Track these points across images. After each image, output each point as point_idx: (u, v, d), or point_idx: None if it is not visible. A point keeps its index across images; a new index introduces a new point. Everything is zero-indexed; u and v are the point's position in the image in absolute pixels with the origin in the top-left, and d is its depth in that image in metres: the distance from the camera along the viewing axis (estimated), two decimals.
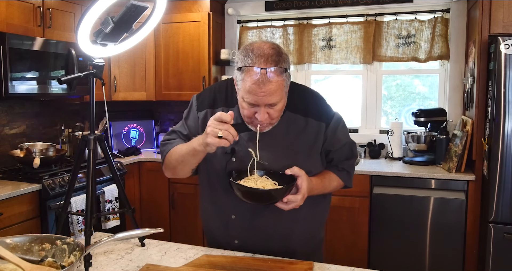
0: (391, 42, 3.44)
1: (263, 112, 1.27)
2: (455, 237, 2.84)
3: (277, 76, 1.22)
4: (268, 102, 1.25)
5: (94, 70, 1.54)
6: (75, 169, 1.60)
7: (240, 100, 1.31)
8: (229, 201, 1.41)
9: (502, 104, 2.55)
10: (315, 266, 1.30)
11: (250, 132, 1.35)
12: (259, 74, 1.21)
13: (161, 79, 3.75)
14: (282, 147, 1.38)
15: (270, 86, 1.22)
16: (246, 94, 1.25)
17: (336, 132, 1.45)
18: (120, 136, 3.88)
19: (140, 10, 1.39)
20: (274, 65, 1.22)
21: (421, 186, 2.89)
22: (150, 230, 1.30)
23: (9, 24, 2.61)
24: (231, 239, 1.45)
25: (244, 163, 1.36)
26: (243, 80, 1.25)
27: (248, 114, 1.30)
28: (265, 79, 1.21)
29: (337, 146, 1.46)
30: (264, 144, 1.34)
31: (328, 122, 1.43)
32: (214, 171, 1.44)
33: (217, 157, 1.41)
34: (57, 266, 1.10)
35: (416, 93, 3.70)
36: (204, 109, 1.46)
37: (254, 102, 1.25)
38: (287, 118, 1.39)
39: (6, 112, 3.02)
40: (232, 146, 1.37)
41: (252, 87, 1.22)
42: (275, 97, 1.25)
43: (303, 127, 1.40)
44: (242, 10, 3.88)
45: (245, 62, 1.25)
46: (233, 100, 1.41)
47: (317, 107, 1.44)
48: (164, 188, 3.55)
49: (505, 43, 2.50)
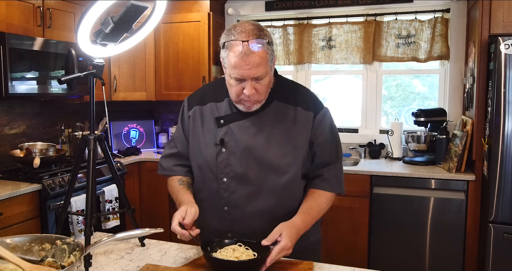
0: (391, 42, 3.44)
1: (250, 87, 1.29)
2: (455, 237, 2.84)
3: (259, 48, 1.26)
4: (253, 76, 1.28)
5: (94, 70, 1.54)
6: (75, 169, 1.60)
7: (227, 79, 1.35)
8: (221, 192, 1.43)
9: (502, 104, 2.55)
10: (315, 266, 1.30)
11: (239, 122, 1.40)
12: (241, 47, 1.25)
13: (161, 79, 3.75)
14: (271, 135, 1.39)
15: (254, 58, 1.25)
16: (232, 70, 1.29)
17: (321, 124, 1.44)
18: (120, 136, 3.88)
19: (140, 10, 1.39)
20: (255, 38, 1.26)
21: (421, 186, 2.89)
22: (150, 230, 1.31)
23: (9, 24, 2.61)
24: (224, 232, 1.46)
25: (234, 154, 1.40)
26: (228, 56, 1.29)
27: (237, 91, 1.32)
28: (248, 51, 1.25)
29: (320, 138, 1.44)
30: (253, 131, 1.39)
31: (316, 112, 1.43)
32: (206, 163, 1.45)
33: (207, 149, 1.44)
34: (57, 266, 1.11)
35: (416, 93, 3.70)
36: (193, 107, 1.51)
37: (240, 76, 1.28)
38: (276, 108, 1.41)
39: (6, 112, 3.02)
40: (222, 137, 1.41)
41: (236, 61, 1.26)
42: (260, 69, 1.28)
43: (292, 117, 1.41)
44: (242, 10, 3.88)
45: (227, 39, 1.29)
46: (222, 94, 1.45)
47: (306, 98, 1.46)
48: (164, 188, 3.52)
49: (505, 43, 2.50)
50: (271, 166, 1.38)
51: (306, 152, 1.43)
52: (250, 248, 1.30)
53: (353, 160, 3.49)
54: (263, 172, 1.39)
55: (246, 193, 1.41)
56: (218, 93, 1.48)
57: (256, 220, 1.42)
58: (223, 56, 1.33)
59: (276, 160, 1.38)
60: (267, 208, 1.42)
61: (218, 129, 1.43)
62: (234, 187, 1.41)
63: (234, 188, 1.41)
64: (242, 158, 1.39)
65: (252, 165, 1.39)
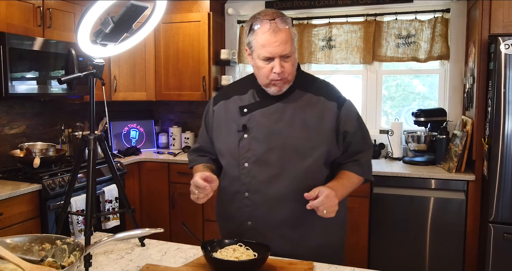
0: (391, 42, 3.44)
1: (279, 64, 1.35)
2: (455, 237, 2.84)
3: (286, 26, 1.36)
4: (282, 52, 1.34)
5: (94, 70, 1.54)
6: (75, 169, 1.60)
7: (256, 63, 1.40)
8: (242, 178, 1.44)
9: (502, 104, 2.55)
10: (315, 266, 1.30)
11: (262, 109, 1.45)
12: (269, 24, 1.34)
13: (161, 79, 3.75)
14: (294, 121, 1.42)
15: (281, 35, 1.34)
16: (261, 49, 1.36)
17: (349, 114, 1.48)
18: (120, 136, 3.88)
19: (140, 10, 1.39)
20: (281, 17, 1.37)
21: (421, 186, 2.89)
22: (150, 230, 1.31)
23: (9, 24, 2.61)
24: (245, 219, 1.46)
25: (256, 139, 1.43)
26: (256, 38, 1.37)
27: (266, 72, 1.38)
28: (276, 28, 1.34)
29: (351, 129, 1.47)
30: (276, 117, 1.43)
31: (340, 103, 1.47)
32: (228, 150, 1.49)
33: (230, 136, 1.48)
34: (57, 266, 1.10)
35: (416, 93, 3.70)
36: (218, 102, 1.56)
37: (269, 54, 1.35)
38: (298, 96, 1.45)
39: (6, 112, 3.02)
40: (244, 123, 1.45)
41: (265, 38, 1.34)
42: (288, 47, 1.35)
43: (314, 104, 1.45)
44: (242, 10, 3.88)
45: (254, 21, 1.39)
46: (246, 87, 1.52)
47: (328, 89, 1.51)
48: (164, 188, 3.55)
49: (505, 43, 2.50)
50: (293, 150, 1.41)
51: (330, 139, 1.44)
52: (250, 248, 1.30)
53: None
54: (284, 156, 1.41)
55: (267, 177, 1.42)
56: (242, 87, 1.54)
57: (277, 205, 1.43)
58: (250, 40, 1.39)
59: (298, 144, 1.41)
60: (287, 193, 1.42)
61: (241, 117, 1.47)
62: (255, 172, 1.43)
63: (255, 172, 1.43)
64: (264, 142, 1.42)
65: (274, 149, 1.41)
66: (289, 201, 1.42)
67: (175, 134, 3.97)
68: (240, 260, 1.23)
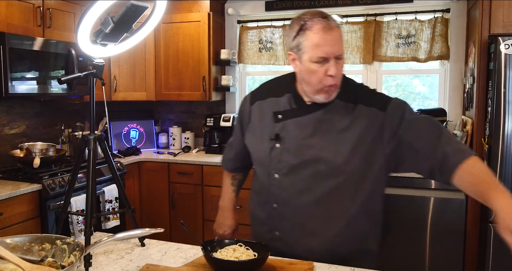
0: (391, 42, 3.44)
1: (335, 65, 1.26)
2: (455, 237, 2.84)
3: (337, 24, 1.27)
4: (337, 52, 1.26)
5: (94, 70, 1.54)
6: (75, 169, 1.60)
7: (307, 66, 1.29)
8: (272, 189, 1.40)
9: (502, 104, 2.55)
10: (315, 266, 1.30)
11: (296, 119, 1.37)
12: (323, 22, 1.25)
13: (161, 79, 3.75)
14: (329, 135, 1.32)
15: (336, 33, 1.25)
16: (314, 50, 1.25)
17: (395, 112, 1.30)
18: (120, 136, 3.88)
19: (140, 10, 1.39)
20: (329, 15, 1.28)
21: (421, 186, 2.89)
22: (150, 230, 1.30)
23: (9, 24, 2.61)
24: (273, 230, 1.43)
25: (288, 150, 1.36)
26: (307, 39, 1.26)
27: (320, 76, 1.27)
28: (330, 26, 1.25)
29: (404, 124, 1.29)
30: (310, 130, 1.34)
31: (383, 106, 1.31)
32: (259, 158, 1.45)
33: (262, 143, 1.42)
34: (57, 266, 1.10)
35: (416, 93, 3.70)
36: (255, 102, 1.50)
37: (325, 54, 1.25)
38: (336, 106, 1.34)
39: (6, 112, 3.02)
40: (277, 132, 1.38)
41: (320, 37, 1.24)
42: (342, 46, 1.27)
43: (351, 114, 1.32)
44: (242, 10, 3.88)
45: (303, 22, 1.28)
46: (283, 90, 1.43)
47: (367, 94, 1.38)
48: (164, 188, 3.55)
49: (505, 43, 2.50)
50: (325, 164, 1.31)
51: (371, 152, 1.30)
52: (250, 248, 1.30)
53: None
54: (316, 171, 1.32)
55: (297, 191, 1.36)
56: (279, 88, 1.45)
57: (305, 219, 1.36)
58: (299, 42, 1.28)
59: (331, 159, 1.30)
60: (316, 208, 1.35)
61: (275, 124, 1.40)
62: (286, 184, 1.37)
63: (285, 185, 1.37)
64: (296, 154, 1.34)
65: (306, 162, 1.33)
66: (319, 217, 1.35)
67: (175, 135, 3.97)
68: (240, 260, 1.23)
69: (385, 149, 1.31)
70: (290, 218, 1.39)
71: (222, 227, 1.72)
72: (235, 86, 3.92)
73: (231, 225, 1.72)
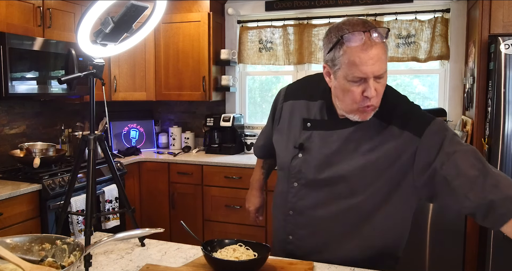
0: (391, 42, 3.44)
1: (373, 87, 1.11)
2: (455, 237, 2.84)
3: (381, 38, 1.10)
4: (377, 72, 1.11)
5: (94, 70, 1.54)
6: (75, 169, 1.60)
7: (341, 84, 1.16)
8: (289, 196, 1.39)
9: (502, 104, 2.55)
10: (315, 266, 1.30)
11: (325, 132, 1.29)
12: (363, 37, 1.08)
13: (161, 79, 3.75)
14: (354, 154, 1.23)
15: (377, 50, 1.09)
16: (351, 68, 1.11)
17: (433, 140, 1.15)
18: (120, 136, 3.88)
19: (140, 10, 1.39)
20: (375, 27, 1.11)
21: None
22: (150, 230, 1.30)
23: (9, 24, 2.61)
24: (287, 234, 1.42)
25: (309, 163, 1.30)
26: (344, 54, 1.12)
27: (355, 97, 1.14)
28: (371, 42, 1.09)
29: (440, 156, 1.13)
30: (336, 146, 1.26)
31: (419, 132, 1.17)
32: (281, 163, 1.44)
33: (286, 150, 1.39)
34: (57, 266, 1.10)
35: (416, 93, 3.70)
36: (288, 100, 1.43)
37: (362, 74, 1.10)
38: (368, 124, 1.22)
39: (6, 112, 3.02)
40: (302, 141, 1.32)
41: (358, 56, 1.09)
42: (384, 65, 1.12)
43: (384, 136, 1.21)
44: (242, 10, 3.88)
45: (342, 33, 1.12)
46: (318, 94, 1.33)
47: (404, 112, 1.22)
48: (164, 188, 3.55)
49: (505, 43, 2.50)
50: (345, 183, 1.24)
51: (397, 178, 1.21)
52: (250, 248, 1.30)
53: None
54: (335, 187, 1.27)
55: (313, 203, 1.32)
56: (314, 91, 1.36)
57: (319, 232, 1.34)
58: (335, 56, 1.14)
59: (352, 179, 1.23)
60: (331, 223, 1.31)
61: (302, 131, 1.34)
62: (303, 194, 1.35)
63: (303, 195, 1.35)
64: (316, 168, 1.29)
65: (326, 178, 1.27)
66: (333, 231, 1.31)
67: (175, 135, 3.97)
68: (240, 260, 1.23)
69: (415, 181, 1.19)
70: (305, 227, 1.37)
71: (248, 203, 1.80)
72: (235, 86, 3.92)
73: (255, 203, 1.78)
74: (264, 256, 1.23)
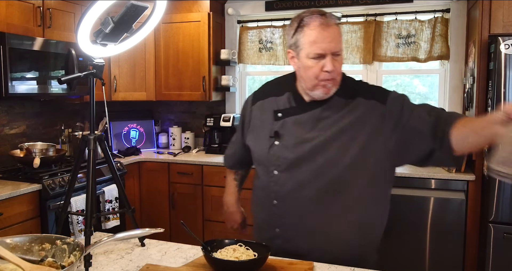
0: (391, 42, 3.44)
1: (331, 62, 1.29)
2: (455, 237, 2.84)
3: (336, 21, 1.31)
4: (334, 49, 1.28)
5: (94, 70, 1.54)
6: (75, 169, 1.60)
7: (303, 63, 1.32)
8: (271, 186, 1.42)
9: (502, 105, 2.55)
10: (315, 266, 1.30)
11: (296, 116, 1.40)
12: (320, 19, 1.29)
13: (161, 79, 3.75)
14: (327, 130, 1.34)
15: (333, 30, 1.29)
16: (311, 46, 1.29)
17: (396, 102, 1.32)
18: (120, 136, 3.88)
19: (140, 10, 1.39)
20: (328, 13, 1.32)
21: (421, 186, 2.89)
22: (150, 230, 1.31)
23: (9, 24, 2.61)
24: (272, 226, 1.44)
25: (286, 147, 1.38)
26: (304, 35, 1.30)
27: (316, 72, 1.30)
28: (327, 23, 1.29)
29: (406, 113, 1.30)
30: (309, 127, 1.37)
31: (382, 98, 1.34)
32: (258, 156, 1.48)
33: (261, 141, 1.45)
34: (57, 266, 1.10)
35: (416, 93, 3.70)
36: (257, 101, 1.54)
37: (321, 51, 1.28)
38: (335, 102, 1.36)
39: (6, 112, 3.02)
40: (276, 129, 1.41)
41: (317, 33, 1.28)
42: (339, 43, 1.30)
43: (352, 109, 1.34)
44: (242, 10, 3.88)
45: (300, 19, 1.32)
46: (283, 89, 1.47)
47: (366, 88, 1.40)
48: (164, 188, 3.55)
49: (505, 43, 2.50)
50: (324, 159, 1.33)
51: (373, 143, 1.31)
52: (250, 248, 1.30)
53: None
54: (314, 165, 1.34)
55: (296, 186, 1.37)
56: (280, 87, 1.49)
57: (305, 216, 1.38)
58: (296, 39, 1.33)
59: (329, 153, 1.32)
60: (316, 204, 1.36)
61: (274, 122, 1.43)
62: (285, 180, 1.39)
63: (284, 180, 1.39)
64: (294, 150, 1.36)
65: (304, 158, 1.35)
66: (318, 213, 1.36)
67: (175, 135, 3.97)
68: (240, 260, 1.23)
69: (386, 144, 1.31)
70: (290, 213, 1.40)
71: (229, 222, 1.78)
72: (235, 86, 3.92)
73: (237, 219, 1.77)
74: (264, 256, 1.24)
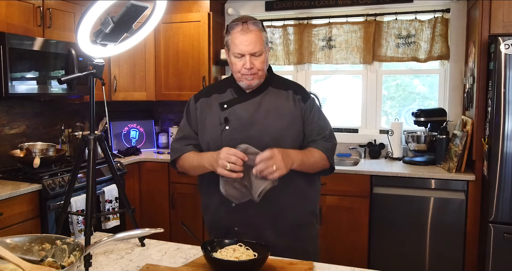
0: (391, 42, 3.44)
1: (249, 61, 1.53)
2: (455, 237, 2.84)
3: (256, 27, 1.53)
4: (251, 51, 1.52)
5: (94, 70, 1.54)
6: (75, 169, 1.60)
7: (230, 59, 1.59)
8: None
9: (502, 104, 2.55)
10: (315, 266, 1.30)
11: (240, 104, 1.61)
12: (241, 25, 1.53)
13: (161, 79, 3.75)
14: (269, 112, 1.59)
15: (251, 35, 1.52)
16: (234, 48, 1.54)
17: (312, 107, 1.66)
18: (120, 136, 3.88)
19: (140, 10, 1.39)
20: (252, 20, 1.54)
21: (421, 186, 2.89)
22: (150, 230, 1.31)
23: (9, 24, 2.61)
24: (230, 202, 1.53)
25: (237, 129, 1.57)
26: (231, 38, 1.55)
27: (239, 68, 1.56)
28: (247, 29, 1.53)
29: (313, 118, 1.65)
30: (253, 109, 1.60)
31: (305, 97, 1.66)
32: (212, 141, 1.60)
33: (213, 129, 1.61)
34: (57, 266, 1.11)
35: (416, 93, 3.70)
36: (199, 99, 1.70)
37: (240, 51, 1.53)
38: (272, 91, 1.64)
39: (6, 112, 3.02)
40: (225, 116, 1.59)
41: (237, 38, 1.53)
42: (257, 46, 1.53)
43: (285, 97, 1.64)
44: (242, 10, 3.88)
45: (229, 24, 1.57)
46: (225, 86, 1.67)
47: (296, 86, 1.72)
48: (164, 188, 3.55)
49: (505, 43, 2.50)
50: (270, 136, 1.55)
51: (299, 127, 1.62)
52: (250, 248, 1.31)
53: (353, 160, 3.49)
54: (263, 143, 1.51)
55: None
56: (222, 86, 1.69)
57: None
58: (226, 40, 1.58)
59: (274, 131, 1.57)
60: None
61: (221, 112, 1.61)
62: None
63: None
64: (244, 131, 1.56)
65: (253, 136, 1.54)
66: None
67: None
68: (240, 260, 1.23)
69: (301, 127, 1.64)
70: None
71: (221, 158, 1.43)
72: None
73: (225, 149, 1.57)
74: (264, 256, 1.24)
